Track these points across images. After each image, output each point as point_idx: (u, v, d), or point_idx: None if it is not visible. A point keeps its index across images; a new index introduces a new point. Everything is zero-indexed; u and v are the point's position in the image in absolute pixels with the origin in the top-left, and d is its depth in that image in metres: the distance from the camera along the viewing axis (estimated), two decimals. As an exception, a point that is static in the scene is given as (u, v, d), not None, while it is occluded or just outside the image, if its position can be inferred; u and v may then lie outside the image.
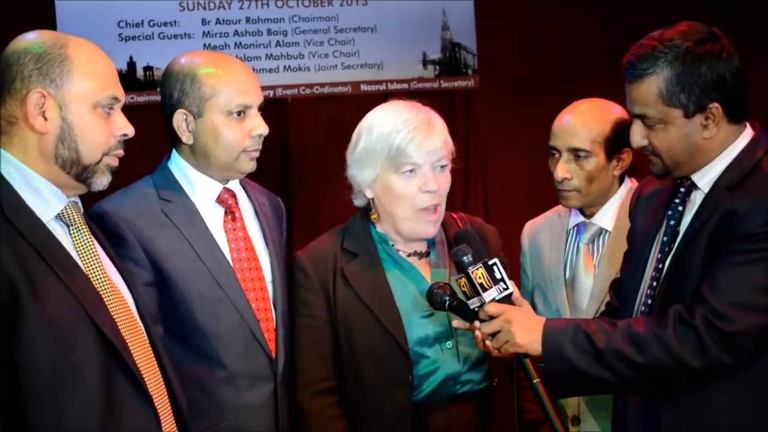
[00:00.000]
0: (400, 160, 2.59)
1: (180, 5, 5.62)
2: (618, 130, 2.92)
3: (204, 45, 5.61)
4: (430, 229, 2.66)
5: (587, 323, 2.32)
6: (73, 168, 2.09)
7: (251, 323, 2.56)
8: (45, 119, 2.06)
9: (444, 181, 2.65)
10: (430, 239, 2.73)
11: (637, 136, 2.34)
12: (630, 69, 2.29)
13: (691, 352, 2.18)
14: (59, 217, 2.11)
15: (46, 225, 2.05)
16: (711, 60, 2.24)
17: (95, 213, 2.45)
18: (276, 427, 2.58)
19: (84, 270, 2.08)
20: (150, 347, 2.18)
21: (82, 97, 2.08)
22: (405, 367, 2.57)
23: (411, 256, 2.71)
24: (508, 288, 2.36)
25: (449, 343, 2.62)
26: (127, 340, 2.08)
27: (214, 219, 2.62)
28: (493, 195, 6.12)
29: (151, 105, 4.84)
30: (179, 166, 2.64)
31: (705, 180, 2.31)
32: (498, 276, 2.35)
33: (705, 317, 2.17)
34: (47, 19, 5.26)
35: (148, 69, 5.55)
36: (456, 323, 2.48)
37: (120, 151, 2.17)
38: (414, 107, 2.65)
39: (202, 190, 2.62)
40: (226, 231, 2.63)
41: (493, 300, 2.34)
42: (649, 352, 2.21)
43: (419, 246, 2.72)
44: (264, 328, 2.59)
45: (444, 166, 2.65)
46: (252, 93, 2.59)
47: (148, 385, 2.08)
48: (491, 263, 2.36)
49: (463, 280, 2.36)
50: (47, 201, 2.08)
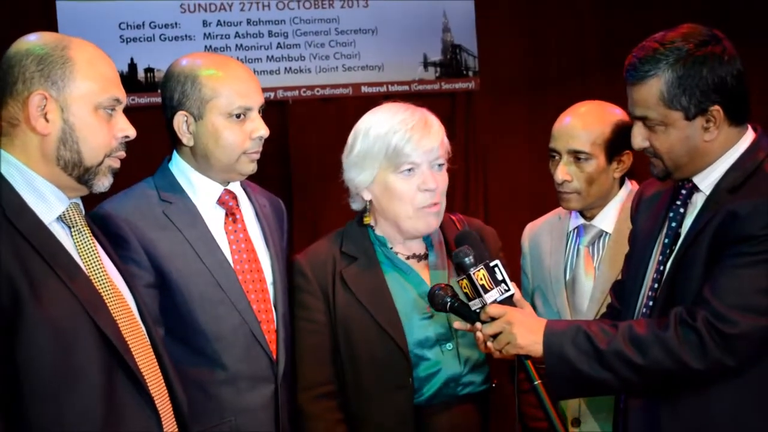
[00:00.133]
0: (398, 159, 2.59)
1: (181, 7, 5.62)
2: (618, 132, 2.92)
3: (205, 47, 5.61)
4: (432, 222, 2.65)
5: (588, 325, 2.32)
6: (75, 170, 2.09)
7: (252, 324, 2.55)
8: (47, 121, 2.06)
9: (442, 180, 2.65)
10: (428, 241, 2.73)
11: (638, 138, 2.34)
12: (631, 71, 2.29)
13: (692, 353, 2.18)
14: (61, 219, 2.11)
15: (47, 226, 2.05)
16: (712, 63, 2.24)
17: (97, 214, 2.45)
18: (276, 429, 2.57)
19: (85, 271, 2.08)
20: (151, 348, 2.18)
21: (83, 99, 2.08)
22: (405, 370, 2.57)
23: (410, 258, 2.70)
24: (509, 289, 2.36)
25: (450, 345, 2.62)
26: (128, 341, 2.08)
27: (215, 220, 2.62)
28: (494, 197, 6.12)
29: (152, 107, 4.84)
30: (180, 167, 2.64)
31: (706, 182, 2.31)
32: (499, 277, 2.35)
33: (706, 319, 2.17)
34: (48, 21, 5.26)
35: (149, 71, 5.55)
36: (457, 324, 2.48)
37: (122, 153, 2.17)
38: (409, 108, 2.65)
39: (203, 191, 2.62)
40: (227, 232, 2.63)
41: (495, 301, 2.34)
42: (651, 353, 2.21)
43: (418, 248, 2.72)
44: (265, 329, 2.59)
45: (441, 164, 2.65)
46: (252, 95, 2.59)
47: (149, 386, 2.09)
48: (493, 265, 2.35)
49: (465, 281, 2.36)
50: (49, 202, 2.08)
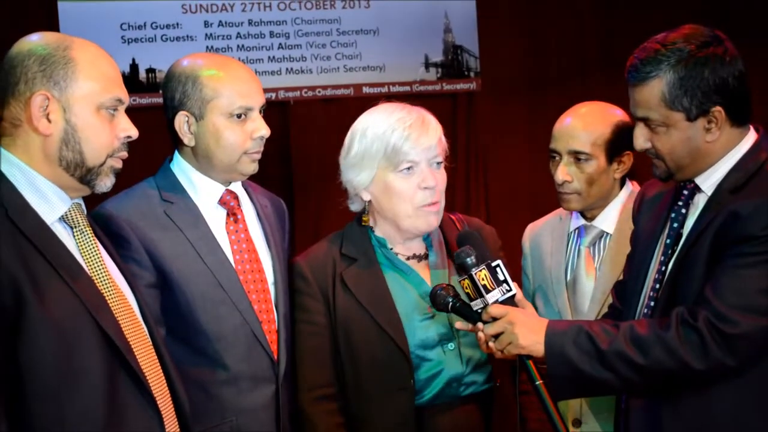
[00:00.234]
0: (397, 158, 2.59)
1: (183, 7, 5.62)
2: (618, 132, 2.92)
3: (206, 47, 5.62)
4: (432, 221, 2.65)
5: (590, 325, 2.31)
6: (77, 170, 2.09)
7: (253, 325, 2.55)
8: (49, 121, 2.06)
9: (441, 178, 2.65)
10: (428, 241, 2.73)
11: (640, 139, 2.34)
12: (633, 72, 2.29)
13: (694, 353, 2.18)
14: (63, 219, 2.11)
15: (50, 227, 2.05)
16: (714, 64, 2.24)
17: (98, 214, 2.45)
18: (277, 429, 2.57)
19: (87, 272, 2.08)
20: (153, 348, 2.18)
21: (85, 99, 2.08)
22: (406, 371, 2.57)
23: (410, 259, 2.70)
24: (511, 289, 2.35)
25: (451, 345, 2.62)
26: (130, 341, 2.08)
27: (216, 220, 2.62)
28: (495, 197, 6.12)
29: (154, 107, 4.85)
30: (181, 167, 2.64)
31: (708, 183, 2.31)
32: (501, 277, 2.35)
33: (707, 319, 2.17)
34: (49, 21, 5.26)
35: (150, 71, 5.56)
36: (459, 325, 2.47)
37: (124, 153, 2.17)
38: (405, 107, 2.65)
39: (204, 191, 2.62)
40: (228, 232, 2.63)
41: (497, 301, 2.34)
42: (652, 353, 2.21)
43: (418, 248, 2.72)
44: (266, 329, 2.59)
45: (440, 163, 2.65)
46: (253, 95, 2.59)
47: (151, 386, 2.09)
48: (494, 265, 2.35)
49: (467, 281, 2.35)
50: (51, 203, 2.08)
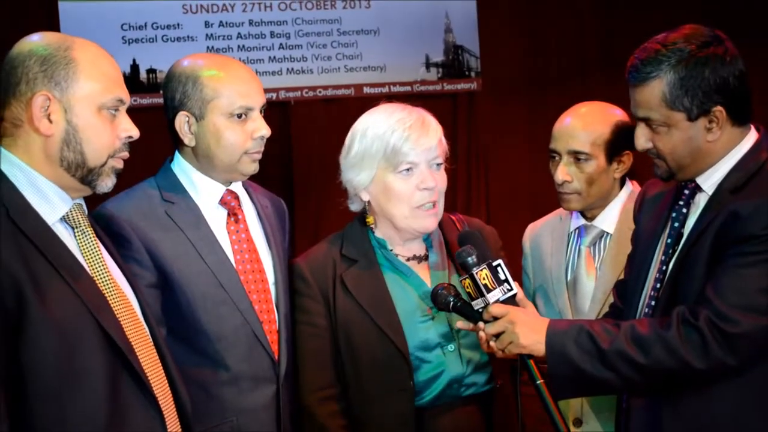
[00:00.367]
0: (396, 159, 2.59)
1: (183, 8, 5.63)
2: (618, 132, 2.92)
3: (207, 47, 5.63)
4: (429, 224, 2.65)
5: (591, 324, 2.32)
6: (78, 170, 2.09)
7: (254, 325, 2.56)
8: (50, 122, 2.05)
9: (441, 179, 2.65)
10: (428, 241, 2.73)
11: (641, 139, 2.34)
12: (634, 72, 2.29)
13: (694, 353, 2.18)
14: (64, 220, 2.11)
15: (51, 227, 2.05)
16: (714, 63, 2.24)
17: (99, 215, 2.45)
18: (278, 429, 2.57)
19: (89, 272, 2.08)
20: (154, 348, 2.18)
21: (87, 100, 2.08)
22: (406, 373, 2.56)
23: (410, 260, 2.70)
24: (512, 289, 2.36)
25: (452, 346, 2.61)
26: (132, 341, 2.08)
27: (217, 221, 2.62)
28: (496, 197, 6.13)
29: (154, 107, 4.85)
30: (182, 167, 2.64)
31: (709, 182, 2.31)
32: (502, 277, 2.35)
33: (708, 318, 2.17)
34: (50, 22, 5.27)
35: (151, 71, 5.57)
36: (460, 324, 2.47)
37: (125, 154, 2.17)
38: (405, 108, 2.65)
39: (205, 191, 2.62)
40: (229, 233, 2.63)
41: (498, 301, 2.34)
42: (653, 353, 2.21)
43: (418, 249, 2.72)
44: (267, 329, 2.59)
45: (440, 164, 2.65)
46: (254, 95, 2.59)
47: (152, 387, 2.09)
48: (495, 264, 2.35)
49: (468, 281, 2.36)
50: (52, 203, 2.08)
